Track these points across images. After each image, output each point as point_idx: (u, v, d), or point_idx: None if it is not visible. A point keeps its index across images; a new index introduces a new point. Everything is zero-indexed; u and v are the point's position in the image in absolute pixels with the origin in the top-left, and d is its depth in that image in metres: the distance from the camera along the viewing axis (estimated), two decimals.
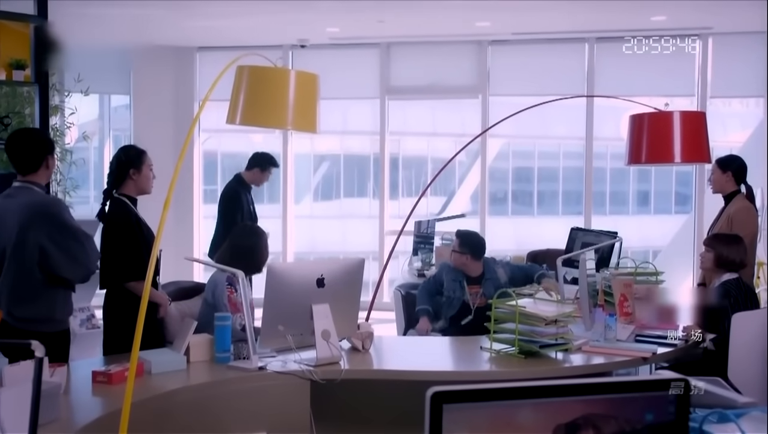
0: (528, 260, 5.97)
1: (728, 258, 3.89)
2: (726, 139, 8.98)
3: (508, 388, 1.16)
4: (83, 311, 5.19)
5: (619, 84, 7.78)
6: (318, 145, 9.63)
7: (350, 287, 3.25)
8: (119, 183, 3.61)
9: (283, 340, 3.05)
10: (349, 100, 8.89)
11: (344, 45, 8.39)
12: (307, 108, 3.05)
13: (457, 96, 8.58)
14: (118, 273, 3.48)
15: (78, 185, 7.78)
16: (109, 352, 3.45)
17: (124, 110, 8.94)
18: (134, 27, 7.57)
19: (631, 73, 7.78)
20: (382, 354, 3.45)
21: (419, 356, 3.50)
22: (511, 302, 3.28)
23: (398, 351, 3.69)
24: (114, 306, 3.51)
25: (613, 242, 4.88)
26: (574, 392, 1.19)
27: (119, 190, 3.61)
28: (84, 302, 5.15)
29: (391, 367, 3.33)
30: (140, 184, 3.63)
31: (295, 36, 8.18)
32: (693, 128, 4.37)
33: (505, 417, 1.15)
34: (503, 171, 9.56)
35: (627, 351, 3.36)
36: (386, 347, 3.63)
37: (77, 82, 7.41)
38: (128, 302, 3.39)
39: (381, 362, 3.35)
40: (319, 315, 3.09)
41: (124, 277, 3.47)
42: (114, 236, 3.51)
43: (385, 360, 3.44)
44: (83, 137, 7.90)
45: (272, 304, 3.04)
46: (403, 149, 9.44)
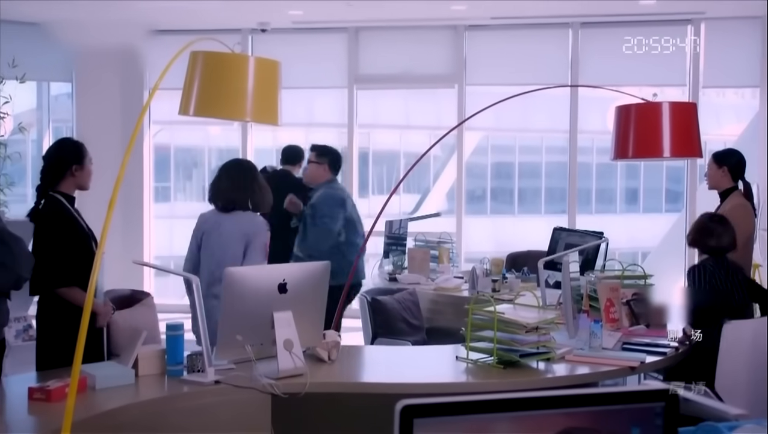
0: (508, 263, 6.02)
1: (712, 246, 4.02)
2: (720, 132, 9.11)
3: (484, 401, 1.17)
4: (20, 322, 5.12)
5: (606, 73, 7.86)
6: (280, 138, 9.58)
7: (315, 293, 3.25)
8: (57, 180, 3.56)
9: (241, 351, 3.03)
10: (314, 90, 8.87)
11: (309, 29, 8.37)
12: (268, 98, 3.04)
13: (432, 85, 8.60)
14: (48, 278, 3.43)
15: (13, 182, 7.67)
16: (43, 366, 3.39)
17: (65, 98, 8.82)
18: (77, 6, 7.46)
19: (619, 62, 7.86)
20: (349, 365, 3.45)
21: (389, 367, 3.51)
22: (489, 308, 3.30)
23: (366, 362, 3.70)
24: (47, 315, 3.47)
25: (599, 243, 4.93)
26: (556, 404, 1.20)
27: (56, 187, 3.57)
28: (21, 311, 5.08)
29: (358, 379, 3.34)
30: (81, 180, 3.60)
31: (255, 19, 8.14)
32: (684, 120, 4.43)
33: (481, 431, 1.16)
34: (481, 167, 9.62)
35: (613, 360, 3.39)
36: (354, 357, 3.63)
37: (11, 67, 7.29)
38: (63, 311, 3.34)
39: (348, 374, 3.36)
40: (281, 324, 3.08)
41: (54, 282, 3.43)
42: (46, 238, 3.47)
43: (352, 371, 3.44)
44: (19, 129, 7.78)
45: (230, 311, 3.02)
46: (373, 142, 9.45)
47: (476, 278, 5.24)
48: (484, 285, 5.23)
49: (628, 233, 9.96)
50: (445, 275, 5.72)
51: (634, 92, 4.64)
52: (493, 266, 5.70)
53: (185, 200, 9.67)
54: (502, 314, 3.28)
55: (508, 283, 5.39)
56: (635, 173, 10.35)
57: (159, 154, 9.10)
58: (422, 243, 6.36)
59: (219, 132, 9.28)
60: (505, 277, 5.48)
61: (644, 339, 3.75)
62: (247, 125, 8.36)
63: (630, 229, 10.11)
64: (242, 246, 3.96)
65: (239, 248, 3.96)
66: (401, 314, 4.96)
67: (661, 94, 4.69)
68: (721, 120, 9.28)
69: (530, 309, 3.45)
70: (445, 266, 6.03)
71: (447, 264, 6.11)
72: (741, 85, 8.48)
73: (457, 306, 4.99)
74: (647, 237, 9.75)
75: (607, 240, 4.92)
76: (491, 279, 5.32)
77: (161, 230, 9.08)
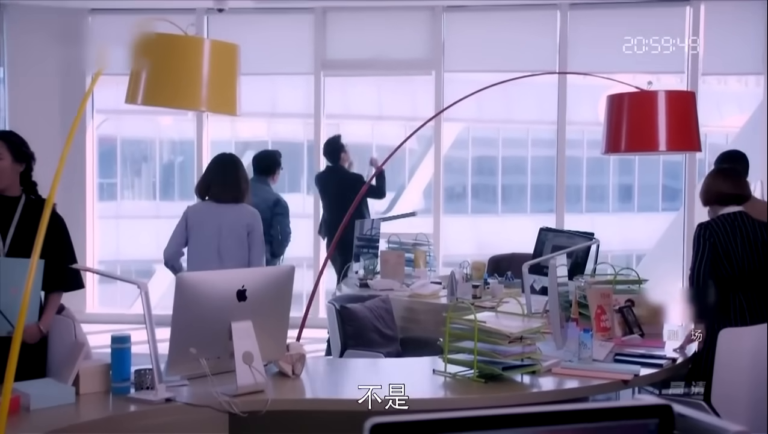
0: (490, 266, 6.04)
1: (723, 192, 4.16)
2: (721, 123, 9.22)
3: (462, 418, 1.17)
4: None
5: (597, 59, 7.93)
6: (240, 130, 9.56)
7: (278, 300, 3.24)
8: None
9: (195, 365, 3.01)
10: (277, 77, 8.86)
11: (271, 9, 8.35)
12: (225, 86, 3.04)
13: (407, 72, 8.62)
14: None
15: None
16: None
17: None
18: None
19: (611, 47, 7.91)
20: (315, 379, 3.45)
21: (359, 380, 3.50)
22: (469, 316, 3.31)
23: (334, 376, 3.70)
24: None
25: (590, 244, 4.97)
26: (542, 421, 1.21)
27: None
28: None
29: (326, 395, 3.34)
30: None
31: None
32: (681, 110, 4.48)
33: None
34: (461, 161, 9.65)
35: (605, 373, 3.42)
36: (320, 371, 3.63)
37: None
38: None
39: (314, 389, 3.36)
40: (240, 335, 3.07)
41: None
42: None
43: (319, 386, 3.44)
44: None
45: (182, 321, 3.01)
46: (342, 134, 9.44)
47: (455, 283, 5.26)
48: (464, 291, 5.24)
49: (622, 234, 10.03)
50: (422, 281, 5.73)
51: (627, 80, 4.69)
52: (474, 271, 5.72)
53: (133, 198, 9.60)
54: (483, 323, 3.29)
55: (490, 289, 5.41)
56: (629, 169, 10.43)
57: (103, 147, 9.03)
58: (396, 245, 6.37)
59: (171, 123, 9.23)
60: (486, 282, 5.50)
61: (638, 350, 3.79)
62: (202, 115, 8.32)
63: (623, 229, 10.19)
64: (246, 236, 4.77)
65: (244, 238, 4.76)
66: (373, 324, 4.96)
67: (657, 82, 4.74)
68: (723, 110, 9.39)
69: (514, 318, 3.47)
70: (422, 271, 6.04)
71: (423, 268, 6.12)
72: (744, 72, 8.58)
73: (434, 314, 5.01)
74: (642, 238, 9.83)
75: (598, 242, 4.96)
76: (472, 285, 5.35)
77: (106, 232, 9.01)
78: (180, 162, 9.48)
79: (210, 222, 4.77)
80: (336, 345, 4.93)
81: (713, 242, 4.07)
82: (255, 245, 4.79)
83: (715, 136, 9.36)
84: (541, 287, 4.63)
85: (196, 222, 4.80)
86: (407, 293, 5.55)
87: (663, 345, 3.94)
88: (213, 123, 8.72)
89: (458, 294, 5.17)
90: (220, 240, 4.77)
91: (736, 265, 4.09)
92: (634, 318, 4.06)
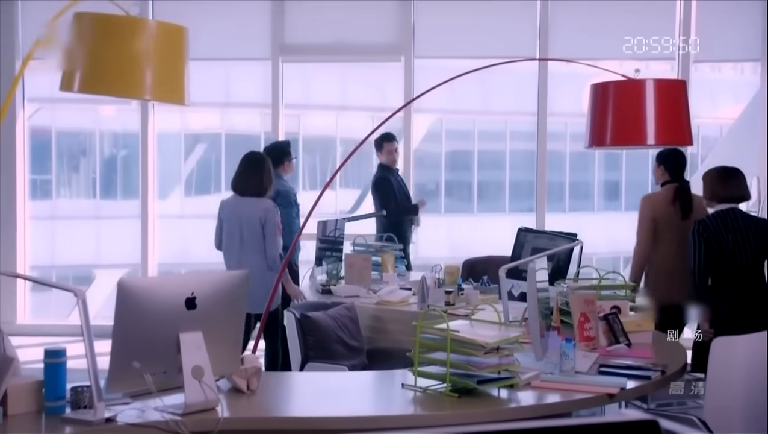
0: (465, 271, 6.07)
1: (718, 193, 4.97)
2: (715, 114, 9.33)
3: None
4: None
5: (580, 45, 7.98)
6: (190, 121, 9.51)
7: (231, 309, 3.23)
8: None
9: (139, 381, 3.00)
10: (230, 63, 8.83)
11: None
12: (173, 72, 3.02)
13: (374, 58, 8.62)
14: None
15: None
16: None
17: None
18: None
19: (595, 31, 7.99)
20: (272, 395, 3.44)
21: (321, 397, 3.50)
22: (442, 325, 3.32)
23: (294, 392, 3.68)
24: None
25: (573, 246, 4.99)
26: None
27: None
28: None
29: (284, 413, 3.33)
30: None
31: None
32: (671, 100, 4.53)
33: None
34: (434, 156, 9.67)
35: (588, 386, 3.44)
36: (279, 386, 3.62)
37: None
38: None
39: (271, 406, 3.34)
40: (189, 347, 3.06)
41: None
42: None
43: (276, 403, 3.43)
44: None
45: (124, 332, 2.98)
46: (304, 126, 9.42)
47: (426, 289, 5.27)
48: (436, 298, 5.25)
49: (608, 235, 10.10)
50: (390, 287, 5.73)
51: (613, 67, 4.73)
52: (447, 275, 5.74)
53: (71, 196, 9.51)
54: (456, 332, 3.30)
55: (465, 295, 5.42)
56: (616, 164, 10.53)
57: (37, 139, 8.94)
58: (362, 248, 6.38)
59: (113, 113, 9.15)
60: (460, 288, 5.52)
61: (625, 361, 3.81)
62: (148, 104, 8.26)
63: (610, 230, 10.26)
64: (260, 227, 5.71)
65: (260, 229, 5.72)
66: (336, 334, 4.96)
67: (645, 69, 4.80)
68: (717, 100, 9.49)
69: (490, 326, 3.48)
70: (390, 276, 6.05)
71: (392, 273, 6.13)
72: (740, 59, 8.67)
73: (403, 323, 5.01)
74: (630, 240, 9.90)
75: (582, 243, 5.00)
76: (444, 291, 5.35)
77: (40, 234, 8.91)
78: (123, 156, 9.41)
79: (234, 214, 5.81)
80: (296, 358, 4.92)
81: (707, 238, 4.84)
82: (268, 236, 5.72)
83: (708, 128, 9.47)
84: (520, 292, 4.65)
85: (225, 214, 5.88)
86: (374, 300, 5.55)
87: (652, 355, 3.97)
88: (160, 114, 8.67)
89: (430, 301, 5.18)
90: (242, 231, 5.77)
91: (729, 258, 4.85)
92: (620, 327, 4.09)
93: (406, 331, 4.81)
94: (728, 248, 4.85)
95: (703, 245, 4.83)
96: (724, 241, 4.84)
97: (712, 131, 9.52)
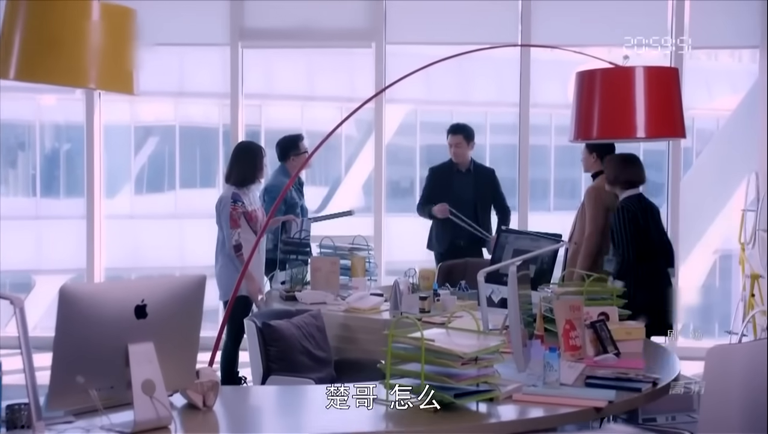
0: (441, 275, 6.08)
1: (621, 177, 5.71)
2: (711, 105, 9.39)
3: None
4: None
5: (566, 30, 8.01)
6: (141, 113, 9.46)
7: (186, 317, 3.22)
8: None
9: (84, 397, 2.98)
10: (185, 48, 8.80)
11: None
12: (120, 58, 3.02)
13: (342, 44, 8.62)
14: None
15: None
16: None
17: None
18: None
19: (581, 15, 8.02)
20: (231, 412, 3.43)
21: (285, 412, 3.50)
22: (416, 333, 3.33)
23: (255, 408, 3.67)
24: None
25: (557, 247, 5.02)
26: None
27: None
28: None
29: (244, 431, 3.31)
30: None
31: None
32: (663, 89, 4.56)
33: None
34: (408, 150, 9.68)
35: (574, 399, 3.45)
36: (238, 402, 3.61)
37: None
38: None
39: (230, 424, 3.32)
40: (139, 359, 3.04)
41: None
42: None
43: (235, 420, 3.41)
44: None
45: (67, 345, 2.96)
46: (266, 118, 9.40)
47: (399, 295, 5.28)
48: (410, 304, 5.27)
49: None
50: (360, 292, 5.74)
51: (601, 54, 4.76)
52: (422, 280, 5.75)
53: (8, 194, 9.42)
54: (431, 341, 3.30)
55: (441, 301, 5.44)
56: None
57: None
58: (330, 250, 6.37)
59: (55, 103, 9.10)
60: (436, 293, 5.53)
61: (614, 372, 3.83)
62: (93, 94, 8.21)
63: None
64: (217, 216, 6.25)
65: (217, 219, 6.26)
66: (301, 344, 4.96)
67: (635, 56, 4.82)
68: (713, 90, 9.56)
69: (468, 335, 3.49)
70: (360, 280, 6.05)
71: (362, 278, 6.13)
72: (737, 46, 8.74)
73: (374, 332, 5.02)
74: None
75: (568, 245, 5.02)
76: (419, 296, 5.37)
77: None
78: (66, 151, 9.35)
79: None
80: (257, 370, 4.91)
81: (631, 218, 5.55)
82: (222, 227, 6.22)
83: (703, 120, 9.53)
84: (501, 298, 4.67)
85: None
86: (343, 307, 5.56)
87: (642, 365, 3.99)
88: (106, 104, 8.62)
89: (403, 308, 5.19)
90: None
91: (646, 239, 5.61)
92: (608, 335, 4.11)
93: (377, 340, 4.81)
94: (647, 231, 5.64)
95: (632, 228, 5.56)
96: (643, 225, 5.61)
97: (707, 124, 9.59)
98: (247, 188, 6.29)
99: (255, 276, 6.15)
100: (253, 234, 6.10)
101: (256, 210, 6.29)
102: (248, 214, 6.19)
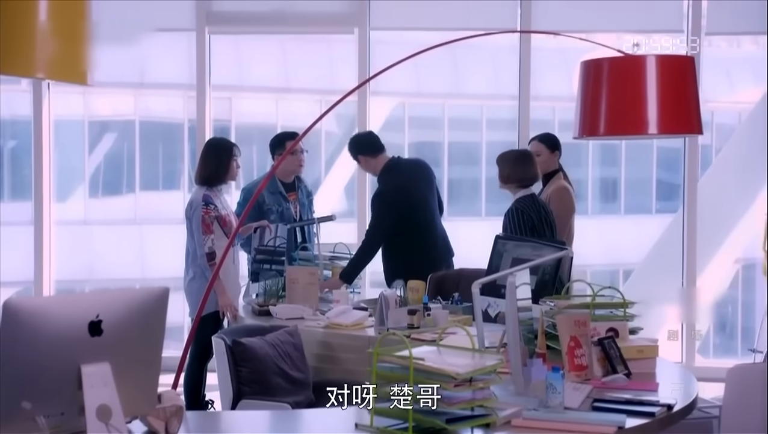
0: (432, 286, 6.08)
1: (515, 176, 6.00)
2: (732, 98, 9.43)
3: None
4: None
5: (570, 14, 8.03)
6: (96, 106, 9.46)
7: (146, 334, 3.21)
8: None
9: (30, 425, 2.97)
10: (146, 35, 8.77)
11: None
12: (72, 45, 3.01)
13: (322, 30, 8.62)
14: None
15: None
16: None
17: None
18: None
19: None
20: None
21: None
22: (404, 352, 3.33)
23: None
24: None
25: (561, 256, 5.03)
26: None
27: None
28: None
29: None
30: None
31: None
32: (678, 80, 4.57)
33: None
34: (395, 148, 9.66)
35: (580, 425, 3.46)
36: (204, 428, 3.61)
37: None
38: None
39: None
40: (93, 382, 3.03)
41: None
42: None
43: None
44: None
45: (11, 366, 2.95)
46: (236, 112, 9.41)
47: (386, 309, 5.28)
48: (397, 319, 5.27)
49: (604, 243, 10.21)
50: (341, 306, 5.74)
51: (609, 42, 4.77)
52: (410, 292, 5.75)
53: None
54: (421, 361, 3.31)
55: (432, 316, 5.44)
56: (614, 158, 10.62)
57: None
58: (308, 263, 6.36)
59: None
60: (427, 307, 5.53)
61: (624, 395, 3.84)
62: (42, 84, 8.20)
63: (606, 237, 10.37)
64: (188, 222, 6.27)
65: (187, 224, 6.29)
66: (276, 364, 4.96)
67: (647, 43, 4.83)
68: (734, 81, 9.60)
69: (462, 353, 3.49)
70: (342, 293, 6.05)
71: (344, 290, 6.13)
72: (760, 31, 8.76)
73: (357, 351, 5.03)
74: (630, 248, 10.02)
75: (572, 253, 5.03)
76: (407, 310, 5.37)
77: None
78: (11, 148, 9.35)
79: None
80: (227, 394, 4.91)
81: (525, 220, 5.81)
82: (191, 236, 6.25)
83: (723, 114, 9.59)
84: (498, 313, 4.68)
85: None
86: (322, 322, 5.56)
87: (656, 387, 4.00)
88: (57, 96, 8.60)
89: (389, 324, 5.20)
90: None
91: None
92: (618, 353, 4.12)
93: (360, 360, 4.83)
94: (539, 232, 5.86)
95: (526, 231, 5.80)
96: (537, 226, 5.88)
97: (728, 118, 9.64)
98: (218, 189, 6.29)
99: (226, 288, 6.12)
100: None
101: (229, 214, 6.29)
102: (221, 218, 6.19)
